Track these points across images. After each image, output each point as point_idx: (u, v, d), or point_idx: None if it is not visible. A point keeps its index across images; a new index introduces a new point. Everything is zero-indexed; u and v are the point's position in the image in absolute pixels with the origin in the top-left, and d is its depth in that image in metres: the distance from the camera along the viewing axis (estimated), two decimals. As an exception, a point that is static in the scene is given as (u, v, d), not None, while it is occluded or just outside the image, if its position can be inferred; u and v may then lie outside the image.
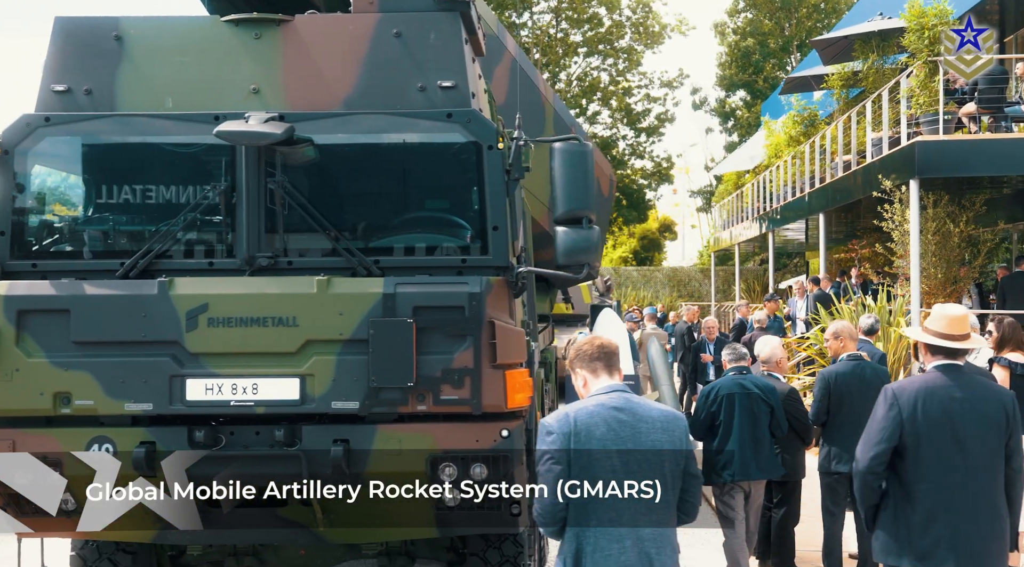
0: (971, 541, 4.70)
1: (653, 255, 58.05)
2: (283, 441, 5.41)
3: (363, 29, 5.75)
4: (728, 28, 44.23)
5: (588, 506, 4.06)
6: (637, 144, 47.46)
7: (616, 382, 4.23)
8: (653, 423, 4.12)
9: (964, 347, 4.93)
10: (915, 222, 15.32)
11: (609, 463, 4.05)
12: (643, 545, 4.05)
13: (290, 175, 5.66)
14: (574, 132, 12.94)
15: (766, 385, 7.74)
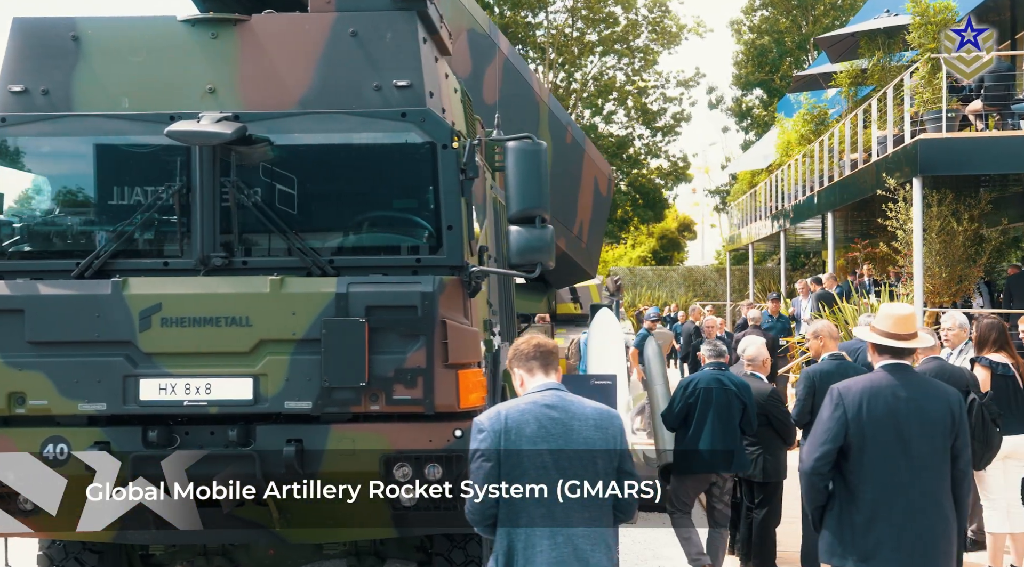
0: (915, 541, 4.65)
1: (672, 255, 57.86)
2: (236, 441, 5.41)
3: (319, 28, 5.73)
4: (744, 26, 43.97)
5: (518, 504, 4.06)
6: (653, 143, 47.30)
7: (552, 381, 4.23)
8: (586, 421, 4.12)
9: (910, 346, 4.87)
10: (918, 221, 15.19)
11: (540, 460, 4.05)
12: (576, 542, 4.03)
13: (245, 175, 5.66)
14: (570, 131, 12.94)
15: (742, 383, 7.83)
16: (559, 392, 4.18)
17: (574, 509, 4.04)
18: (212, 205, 5.58)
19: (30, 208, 5.96)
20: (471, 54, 10.02)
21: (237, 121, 5.52)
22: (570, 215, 13.10)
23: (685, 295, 38.66)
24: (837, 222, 21.35)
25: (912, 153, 15.15)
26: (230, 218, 5.61)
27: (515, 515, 4.06)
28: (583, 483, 4.06)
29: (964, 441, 4.78)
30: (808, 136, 24.33)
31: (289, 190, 5.73)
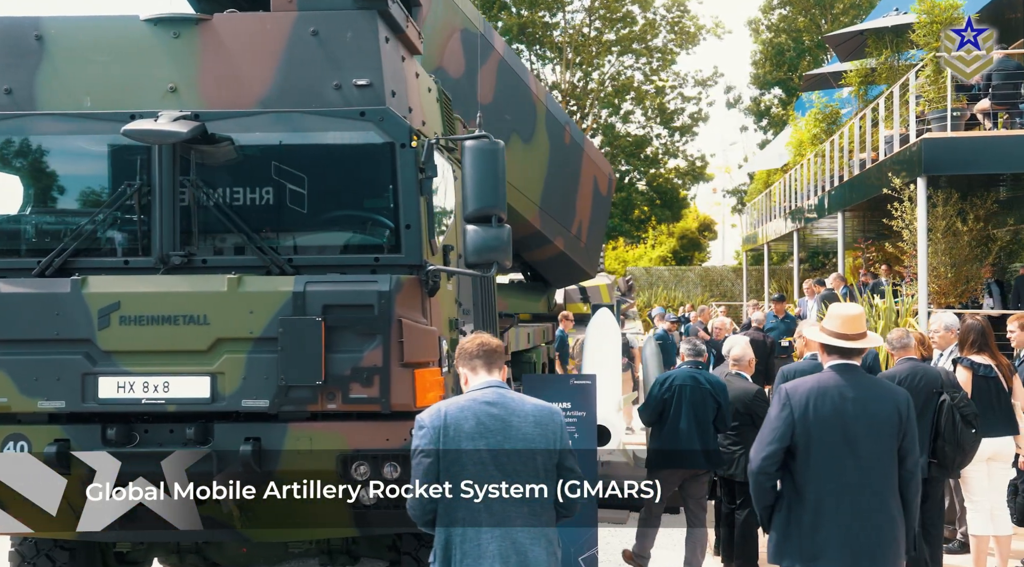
0: (861, 542, 4.62)
1: (693, 254, 57.64)
2: (194, 439, 5.43)
3: (280, 28, 5.75)
4: (762, 25, 43.75)
5: (457, 500, 4.13)
6: (671, 143, 47.14)
7: (493, 378, 4.29)
8: (525, 417, 4.18)
9: (858, 346, 4.84)
10: (922, 221, 15.07)
11: (478, 457, 4.13)
12: (515, 538, 4.10)
13: (206, 174, 5.69)
14: (568, 131, 12.91)
15: (717, 382, 7.97)
16: (500, 389, 4.25)
17: (513, 505, 4.11)
18: (172, 204, 5.62)
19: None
20: (464, 54, 10.00)
21: (196, 120, 5.54)
22: (568, 215, 13.08)
23: (701, 295, 38.51)
24: (851, 222, 21.24)
25: (916, 153, 15.04)
26: (190, 217, 5.64)
27: (453, 511, 4.13)
28: (522, 480, 4.13)
29: (912, 442, 4.74)
30: (820, 135, 24.19)
31: (249, 189, 5.76)
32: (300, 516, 5.76)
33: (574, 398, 8.06)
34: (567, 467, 4.25)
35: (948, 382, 7.54)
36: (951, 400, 7.35)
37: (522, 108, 11.44)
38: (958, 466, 7.47)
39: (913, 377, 7.53)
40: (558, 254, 13.13)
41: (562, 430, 4.27)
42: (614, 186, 14.97)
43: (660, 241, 56.94)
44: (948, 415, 7.31)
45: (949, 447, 7.30)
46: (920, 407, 7.40)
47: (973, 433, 7.32)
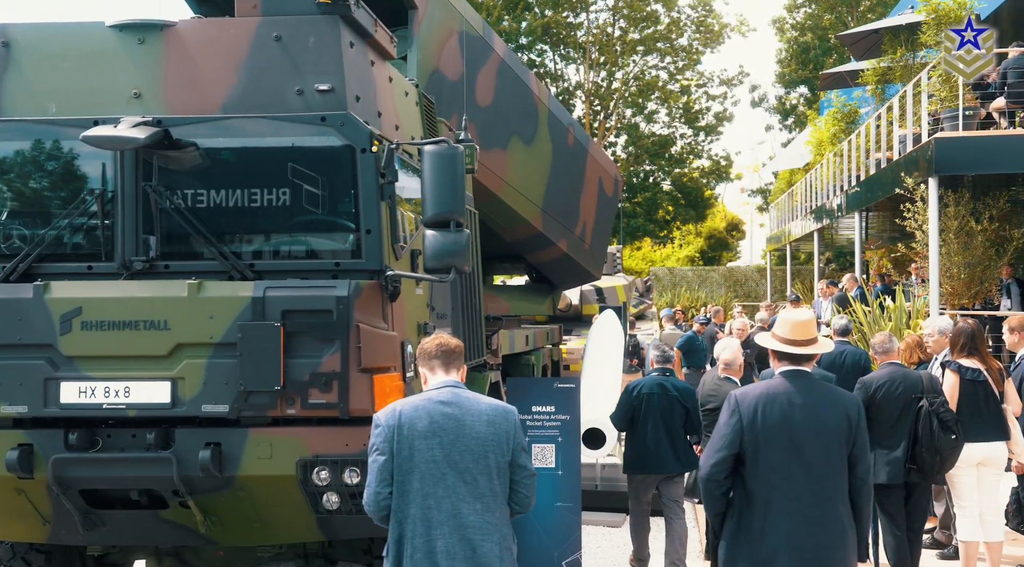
0: (810, 549, 4.57)
1: (721, 254, 57.35)
2: (155, 444, 5.44)
3: (244, 33, 5.75)
4: (787, 24, 43.44)
5: (409, 495, 4.20)
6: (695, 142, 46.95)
7: (451, 378, 4.40)
8: (479, 416, 4.27)
9: (808, 352, 4.78)
10: (934, 221, 14.89)
11: (431, 455, 4.20)
12: (466, 533, 4.18)
13: (169, 179, 5.71)
14: (572, 132, 12.86)
15: (684, 388, 8.26)
16: (456, 389, 4.36)
17: (464, 502, 4.20)
18: (134, 209, 5.64)
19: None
20: (463, 56, 9.97)
21: (159, 125, 5.56)
22: (572, 216, 13.03)
23: (725, 296, 38.27)
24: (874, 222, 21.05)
25: (928, 152, 14.87)
26: (152, 222, 5.65)
27: (405, 507, 4.22)
28: (474, 477, 4.21)
29: (862, 449, 4.68)
30: (839, 135, 23.98)
31: (212, 194, 5.76)
32: (264, 521, 5.77)
33: (558, 402, 8.06)
34: (520, 464, 4.34)
35: (929, 387, 7.48)
36: (929, 405, 7.29)
37: (523, 110, 11.40)
38: (938, 472, 7.38)
39: (891, 382, 7.49)
40: (561, 256, 13.08)
41: (516, 429, 4.35)
42: (620, 187, 14.90)
43: (688, 241, 56.72)
44: (926, 420, 7.25)
45: (927, 452, 7.24)
46: (899, 412, 7.43)
47: (953, 438, 7.24)
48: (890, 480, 7.41)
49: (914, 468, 7.37)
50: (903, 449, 7.36)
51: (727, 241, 59.27)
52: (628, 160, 46.39)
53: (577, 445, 8.17)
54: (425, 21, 9.17)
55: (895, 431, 7.41)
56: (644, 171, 47.28)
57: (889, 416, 7.45)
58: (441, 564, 4.16)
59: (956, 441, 7.25)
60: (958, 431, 7.27)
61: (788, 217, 31.46)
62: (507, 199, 11.00)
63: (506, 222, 11.58)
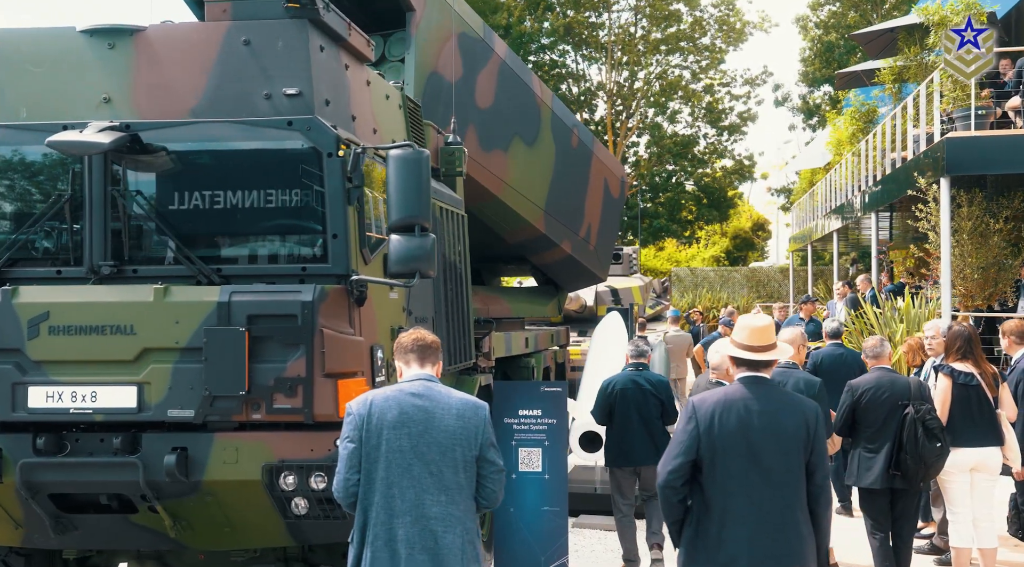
0: (768, 557, 4.49)
1: (746, 254, 57.03)
2: (121, 449, 5.45)
3: (213, 38, 5.75)
4: (811, 22, 43.09)
5: (375, 483, 4.27)
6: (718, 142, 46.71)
7: (425, 372, 4.47)
8: (448, 409, 4.34)
9: (766, 358, 4.71)
10: (946, 221, 14.72)
11: (398, 445, 4.26)
12: (428, 523, 4.24)
13: (137, 184, 5.72)
14: (576, 134, 12.82)
15: (658, 381, 8.46)
16: (429, 382, 4.44)
17: (429, 492, 4.26)
18: (103, 214, 5.65)
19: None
20: (462, 58, 9.97)
21: (124, 130, 5.57)
22: (576, 218, 12.99)
23: (747, 296, 38.03)
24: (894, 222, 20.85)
25: (939, 152, 14.70)
26: (121, 227, 5.66)
27: (371, 495, 4.29)
28: (440, 468, 4.25)
29: (820, 456, 4.60)
30: (858, 134, 23.77)
31: (180, 198, 5.77)
32: (233, 525, 5.77)
33: (545, 405, 8.02)
34: (488, 460, 4.40)
35: (916, 394, 7.37)
36: (915, 412, 7.19)
37: (525, 111, 11.37)
38: (922, 479, 7.29)
39: (878, 387, 7.41)
40: (565, 257, 13.05)
41: (485, 424, 4.40)
42: (627, 188, 14.83)
43: (713, 241, 56.44)
44: (911, 427, 7.16)
45: (911, 460, 7.15)
46: (884, 418, 7.36)
47: (938, 446, 7.12)
48: (873, 485, 7.36)
49: (898, 474, 7.29)
50: (886, 454, 7.28)
51: (753, 241, 58.95)
52: (650, 160, 46.22)
53: (565, 448, 8.12)
54: (423, 23, 9.16)
55: (880, 436, 7.35)
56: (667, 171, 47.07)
57: (874, 421, 7.39)
58: (401, 552, 4.23)
59: (941, 449, 7.14)
60: (943, 439, 7.16)
61: (810, 217, 31.24)
62: (508, 200, 10.98)
63: (508, 224, 11.56)
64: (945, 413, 7.57)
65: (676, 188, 47.15)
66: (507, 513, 7.90)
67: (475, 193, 10.59)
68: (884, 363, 7.66)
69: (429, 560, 4.22)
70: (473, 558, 4.34)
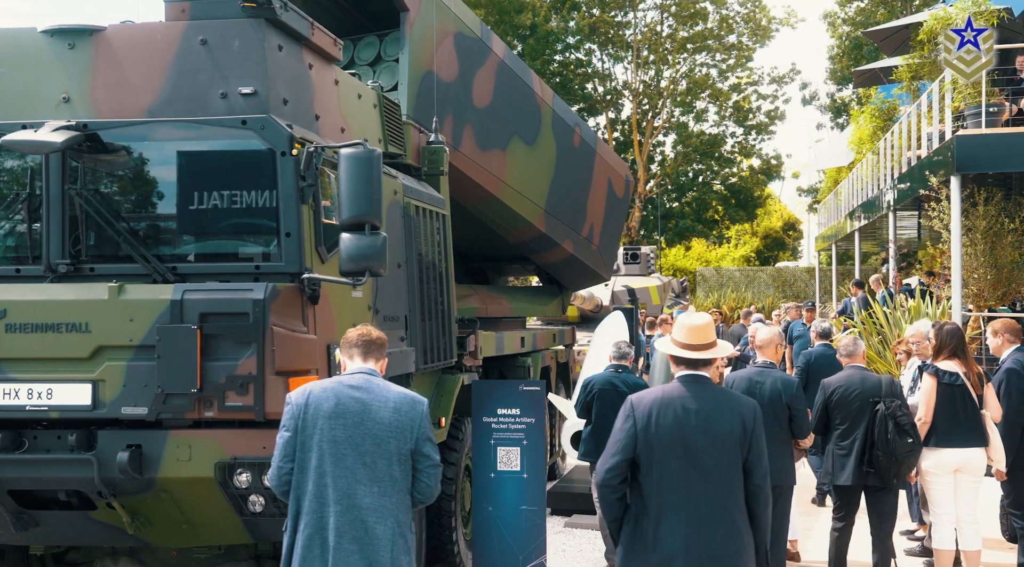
0: (704, 556, 4.46)
1: (777, 254, 56.62)
2: (77, 446, 5.49)
3: (171, 37, 5.79)
4: (839, 19, 42.66)
5: (308, 472, 4.34)
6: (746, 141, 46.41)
7: (368, 366, 4.55)
8: (386, 403, 4.40)
9: (704, 357, 4.68)
10: (956, 221, 14.54)
11: (332, 436, 4.33)
12: (359, 513, 4.30)
13: (95, 182, 5.77)
14: (579, 133, 12.78)
15: (635, 383, 8.39)
16: (369, 376, 4.51)
17: (361, 483, 4.31)
18: (60, 213, 5.70)
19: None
20: (458, 58, 9.96)
21: (82, 130, 5.62)
22: (578, 217, 12.95)
23: (772, 296, 37.76)
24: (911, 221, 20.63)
25: (950, 150, 14.52)
26: (78, 226, 5.71)
27: (303, 484, 4.35)
28: (373, 460, 4.31)
29: (757, 456, 4.57)
30: (879, 133, 23.52)
31: (137, 197, 5.81)
32: (192, 523, 5.80)
33: (523, 405, 7.98)
34: (423, 454, 4.45)
35: (887, 390, 7.41)
36: (886, 408, 7.23)
37: (524, 111, 11.35)
38: (894, 476, 7.31)
39: (848, 385, 7.48)
40: (567, 257, 13.01)
41: (422, 418, 4.45)
42: (632, 188, 14.76)
43: (744, 241, 56.07)
44: (881, 424, 7.22)
45: (882, 456, 7.22)
46: (854, 415, 7.42)
47: (909, 442, 7.16)
48: (846, 482, 7.43)
49: (871, 471, 7.33)
50: (857, 451, 7.35)
51: (784, 241, 58.53)
52: (676, 159, 46.03)
53: (543, 448, 8.09)
54: (418, 23, 9.17)
55: (851, 433, 7.41)
56: (693, 170, 46.85)
57: (844, 418, 7.46)
58: (330, 540, 4.28)
59: (912, 445, 7.16)
60: (915, 435, 7.19)
61: (834, 216, 30.98)
62: (507, 200, 10.96)
63: (508, 223, 11.55)
64: (930, 413, 7.50)
65: (702, 188, 46.90)
66: (486, 512, 7.89)
67: (473, 193, 10.59)
68: (858, 361, 7.71)
69: (358, 550, 4.27)
70: (404, 550, 4.37)
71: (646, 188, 44.61)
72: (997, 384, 8.04)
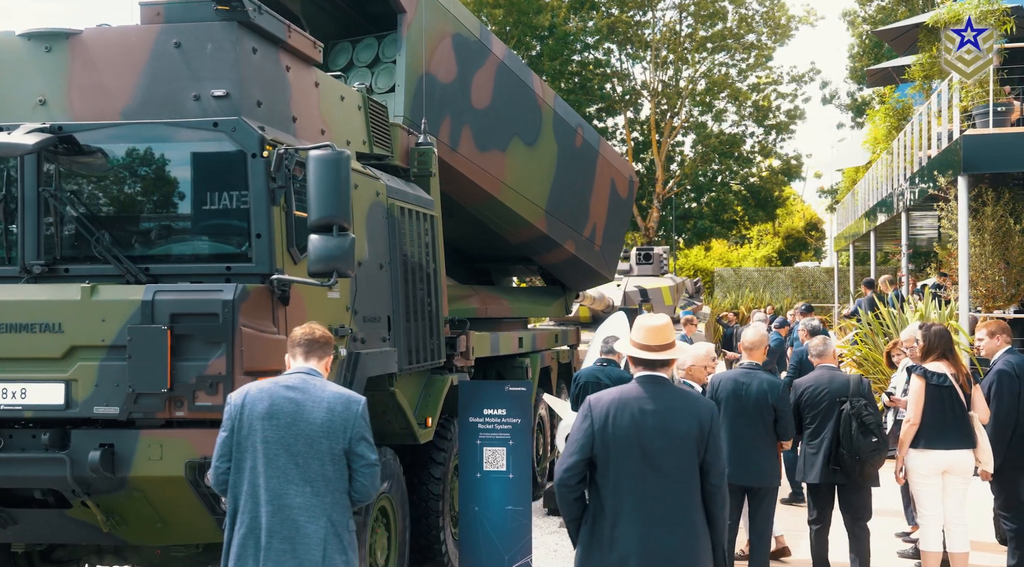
0: (660, 556, 4.47)
1: (799, 254, 56.31)
2: (51, 445, 5.55)
3: (145, 41, 5.84)
4: (859, 17, 42.34)
5: (243, 472, 4.44)
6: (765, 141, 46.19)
7: (308, 365, 4.62)
8: (319, 403, 4.46)
9: (662, 358, 4.69)
10: (963, 221, 14.46)
11: (264, 436, 4.42)
12: (291, 512, 4.37)
13: (69, 184, 5.84)
14: (581, 133, 12.78)
15: (619, 377, 8.40)
16: (307, 376, 4.57)
17: (293, 483, 4.39)
18: (35, 214, 5.77)
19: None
20: (456, 59, 9.99)
21: (57, 132, 5.68)
22: (580, 218, 12.95)
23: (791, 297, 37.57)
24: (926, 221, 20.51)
25: (957, 150, 14.44)
26: (53, 227, 5.78)
27: (240, 483, 4.45)
28: (306, 460, 4.41)
29: (715, 456, 4.57)
30: (893, 132, 23.39)
31: (111, 199, 5.88)
32: (166, 521, 5.85)
33: (509, 405, 8.00)
34: (357, 453, 4.49)
35: (854, 390, 7.56)
36: (851, 408, 7.42)
37: (525, 112, 11.36)
38: (859, 474, 7.46)
39: (817, 385, 7.69)
40: (569, 257, 13.01)
41: (356, 418, 4.49)
42: (635, 189, 14.74)
43: (765, 241, 55.79)
44: (846, 423, 7.42)
45: (847, 454, 7.41)
46: (822, 414, 7.64)
47: (873, 441, 7.35)
48: (815, 480, 7.66)
49: (838, 469, 7.52)
50: (825, 450, 7.54)
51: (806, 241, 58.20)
52: (695, 160, 45.89)
53: (528, 448, 8.11)
54: (415, 24, 9.20)
55: (820, 432, 7.61)
56: (711, 171, 46.68)
57: (813, 417, 7.66)
58: (261, 540, 4.36)
59: (877, 444, 7.41)
60: (880, 434, 7.44)
61: (851, 216, 30.82)
62: (507, 201, 10.98)
63: (508, 224, 11.56)
64: (918, 414, 7.49)
65: (720, 188, 46.73)
66: (472, 512, 7.92)
67: (472, 193, 10.62)
68: (828, 362, 7.92)
69: (288, 549, 4.34)
70: (338, 549, 4.42)
71: (664, 188, 44.48)
72: (988, 385, 8.00)
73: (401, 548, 7.54)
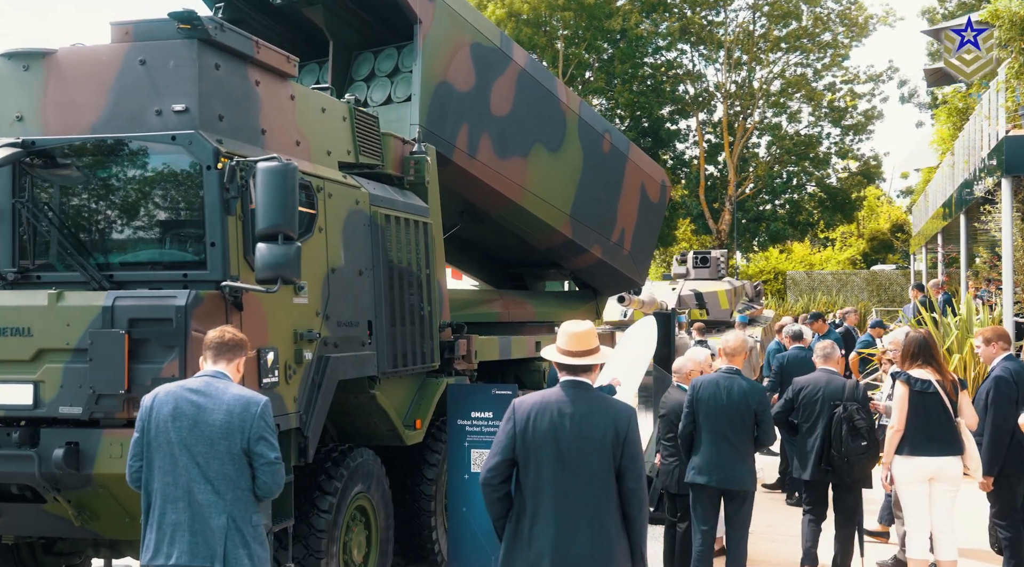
0: (571, 557, 4.60)
1: (884, 256, 55.28)
2: (21, 442, 5.87)
3: (114, 59, 6.13)
4: (938, 14, 41.45)
5: (153, 471, 4.76)
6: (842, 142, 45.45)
7: (217, 368, 4.91)
8: (220, 405, 4.74)
9: (582, 363, 4.83)
10: (1007, 224, 14.19)
11: (167, 437, 4.72)
12: (199, 509, 4.67)
13: (41, 196, 6.16)
14: (608, 138, 12.85)
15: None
16: (212, 379, 4.86)
17: (196, 481, 4.68)
18: (10, 224, 6.10)
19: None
20: (475, 67, 10.16)
21: (30, 146, 6.01)
22: (607, 223, 13.00)
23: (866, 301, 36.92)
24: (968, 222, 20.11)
25: (1000, 152, 14.16)
26: (25, 236, 6.10)
27: (151, 482, 4.78)
28: (206, 460, 4.69)
29: (631, 460, 4.67)
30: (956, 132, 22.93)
31: (79, 210, 6.18)
32: (133, 516, 6.11)
33: (496, 408, 8.13)
34: (256, 452, 4.75)
35: (849, 394, 7.77)
36: (843, 411, 7.68)
37: (548, 118, 11.48)
38: (848, 476, 7.67)
39: (814, 387, 7.98)
40: (596, 262, 13.08)
41: (255, 419, 4.74)
42: (668, 193, 14.73)
43: (849, 243, 54.89)
44: (837, 425, 7.70)
45: (837, 456, 7.71)
46: (816, 415, 7.95)
47: (863, 445, 7.54)
48: (807, 477, 8.03)
49: (829, 469, 7.83)
50: (816, 450, 7.86)
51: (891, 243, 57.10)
52: (769, 162, 45.38)
53: (515, 451, 8.22)
54: (431, 34, 9.41)
55: (813, 432, 7.93)
56: (787, 173, 46.10)
57: (807, 418, 7.94)
58: (167, 534, 4.67)
59: (866, 447, 7.58)
60: (869, 438, 7.59)
61: (923, 217, 30.25)
62: (529, 207, 11.11)
63: (533, 229, 11.70)
64: (903, 421, 7.44)
65: (796, 190, 46.12)
66: (459, 513, 8.07)
67: (494, 200, 10.78)
68: (830, 366, 8.14)
69: (200, 542, 4.63)
70: (240, 543, 4.67)
71: (737, 191, 44.07)
72: (985, 392, 7.91)
73: (383, 547, 7.73)
